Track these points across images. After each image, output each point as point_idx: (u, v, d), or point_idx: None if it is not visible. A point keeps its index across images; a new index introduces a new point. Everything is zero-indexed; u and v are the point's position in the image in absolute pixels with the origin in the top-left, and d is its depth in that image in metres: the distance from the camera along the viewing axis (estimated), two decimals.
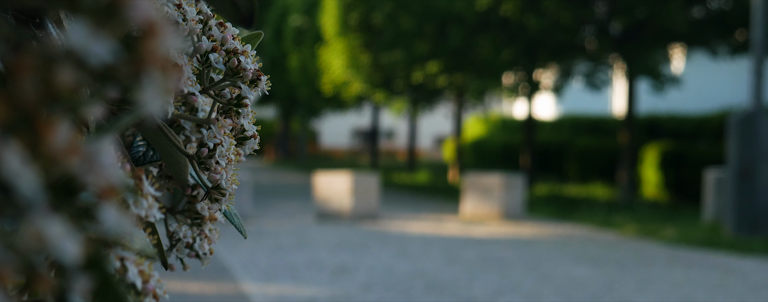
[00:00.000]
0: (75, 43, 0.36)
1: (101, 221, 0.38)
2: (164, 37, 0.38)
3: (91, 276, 0.39)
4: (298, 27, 23.62)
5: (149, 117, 0.49)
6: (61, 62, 0.36)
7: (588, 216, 11.64)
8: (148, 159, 0.65)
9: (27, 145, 0.35)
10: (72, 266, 0.37)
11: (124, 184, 0.43)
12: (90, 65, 0.36)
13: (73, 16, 0.37)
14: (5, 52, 0.39)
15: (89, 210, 0.38)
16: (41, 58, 0.35)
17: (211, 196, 0.66)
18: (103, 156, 0.37)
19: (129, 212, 0.46)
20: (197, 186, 0.66)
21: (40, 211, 0.35)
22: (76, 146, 0.35)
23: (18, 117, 0.35)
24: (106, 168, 0.37)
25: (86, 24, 0.36)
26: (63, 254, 0.35)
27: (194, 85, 0.65)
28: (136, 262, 0.47)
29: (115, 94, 0.38)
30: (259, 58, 0.67)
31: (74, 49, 0.36)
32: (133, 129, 0.65)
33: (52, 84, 0.35)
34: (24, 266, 0.35)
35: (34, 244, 0.34)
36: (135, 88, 0.38)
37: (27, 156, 0.34)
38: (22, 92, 0.35)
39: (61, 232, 0.35)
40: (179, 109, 0.65)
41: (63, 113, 0.36)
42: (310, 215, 11.63)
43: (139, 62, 0.37)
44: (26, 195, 0.34)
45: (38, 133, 0.35)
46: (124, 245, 0.46)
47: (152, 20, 0.37)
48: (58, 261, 0.36)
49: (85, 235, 0.38)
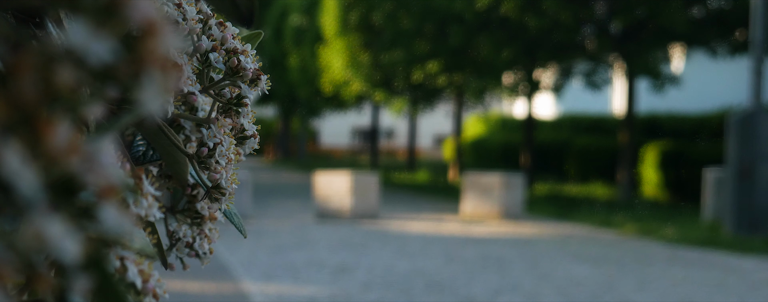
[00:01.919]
0: (75, 42, 0.36)
1: (101, 220, 0.38)
2: (164, 37, 0.38)
3: (91, 275, 0.39)
4: (298, 26, 23.62)
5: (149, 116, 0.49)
6: (61, 62, 0.36)
7: (588, 215, 11.64)
8: (148, 158, 0.65)
9: (27, 144, 0.35)
10: (72, 265, 0.37)
11: (124, 184, 0.43)
12: (90, 64, 0.36)
13: (72, 16, 0.37)
14: (5, 51, 0.39)
15: (89, 209, 0.38)
16: (41, 58, 0.35)
17: (211, 196, 0.66)
18: (103, 155, 0.37)
19: (129, 211, 0.46)
20: (197, 186, 0.66)
21: (40, 210, 0.35)
22: (76, 145, 0.35)
23: (18, 116, 0.35)
24: (106, 167, 0.37)
25: (86, 23, 0.36)
26: (63, 253, 0.35)
27: (194, 84, 0.65)
28: (136, 262, 0.47)
29: (115, 94, 0.38)
30: (259, 57, 0.67)
31: (74, 49, 0.36)
32: (133, 128, 0.65)
33: (52, 83, 0.35)
34: (24, 265, 0.35)
35: (34, 244, 0.35)
36: (135, 87, 0.38)
37: (27, 156, 0.34)
38: (22, 91, 0.35)
39: (61, 232, 0.35)
40: (179, 108, 0.65)
41: (63, 112, 0.36)
42: (310, 214, 11.63)
43: (139, 61, 0.37)
44: (26, 195, 0.34)
45: (38, 132, 0.35)
46: (124, 244, 0.46)
47: (152, 19, 0.37)
48: (58, 261, 0.36)
49: (84, 235, 0.38)
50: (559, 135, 20.06)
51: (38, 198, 0.35)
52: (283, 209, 12.53)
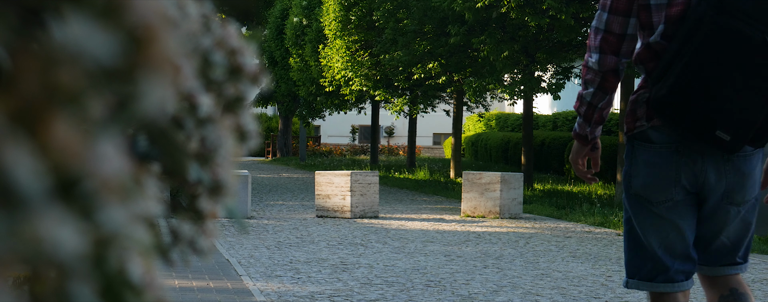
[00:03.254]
0: (77, 41, 0.36)
1: (102, 218, 0.38)
2: (165, 35, 0.38)
3: (92, 272, 0.39)
4: (299, 25, 23.62)
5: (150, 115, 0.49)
6: (62, 60, 0.36)
7: (587, 214, 11.65)
8: (149, 156, 0.65)
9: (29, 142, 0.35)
10: (73, 263, 0.37)
11: (125, 181, 0.44)
12: (91, 63, 0.36)
13: (75, 15, 0.37)
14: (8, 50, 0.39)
15: (90, 207, 0.38)
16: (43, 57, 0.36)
17: (212, 193, 0.66)
18: (105, 153, 0.37)
19: (130, 209, 0.46)
20: (198, 184, 0.67)
21: (42, 208, 0.35)
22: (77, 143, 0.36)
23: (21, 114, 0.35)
24: (107, 165, 0.37)
25: (88, 22, 0.36)
26: (64, 251, 0.35)
27: (195, 82, 0.65)
28: (136, 259, 0.48)
29: (117, 92, 0.38)
30: (260, 56, 0.67)
31: (76, 48, 0.36)
32: (134, 126, 0.65)
33: (54, 82, 0.36)
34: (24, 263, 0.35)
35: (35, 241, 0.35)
36: (136, 85, 0.38)
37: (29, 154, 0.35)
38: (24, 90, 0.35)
39: (62, 229, 0.35)
40: (180, 106, 0.65)
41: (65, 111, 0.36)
42: (310, 212, 11.63)
43: (140, 60, 0.38)
44: (28, 192, 0.35)
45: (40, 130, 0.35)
46: (124, 242, 0.46)
47: (153, 18, 0.38)
48: (59, 258, 0.36)
49: (85, 232, 0.38)
50: (558, 134, 20.04)
51: (40, 196, 0.35)
52: (283, 207, 12.53)
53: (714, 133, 2.31)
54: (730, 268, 2.58)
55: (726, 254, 2.56)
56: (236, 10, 0.67)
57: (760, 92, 2.28)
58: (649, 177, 2.46)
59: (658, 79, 2.34)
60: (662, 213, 2.47)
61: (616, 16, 2.44)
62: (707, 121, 2.30)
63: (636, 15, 2.44)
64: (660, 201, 2.46)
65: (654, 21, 2.40)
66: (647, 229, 2.49)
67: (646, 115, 2.44)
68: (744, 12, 2.25)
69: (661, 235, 2.49)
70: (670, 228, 2.48)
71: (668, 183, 2.44)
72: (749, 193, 2.46)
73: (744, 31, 2.24)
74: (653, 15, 2.39)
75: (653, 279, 2.51)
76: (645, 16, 2.41)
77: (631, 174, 2.51)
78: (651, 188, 2.46)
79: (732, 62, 2.26)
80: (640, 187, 2.48)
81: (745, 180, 2.44)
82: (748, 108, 2.28)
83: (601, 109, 2.53)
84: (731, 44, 2.26)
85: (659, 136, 2.43)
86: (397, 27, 15.71)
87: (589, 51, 2.51)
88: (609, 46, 2.46)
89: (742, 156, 2.43)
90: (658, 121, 2.41)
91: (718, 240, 2.53)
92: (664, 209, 2.47)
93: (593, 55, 2.49)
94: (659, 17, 2.38)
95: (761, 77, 2.27)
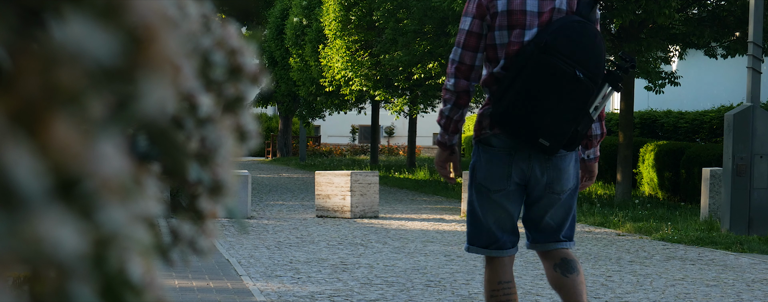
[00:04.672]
0: (77, 41, 0.36)
1: (102, 218, 0.38)
2: (165, 35, 0.38)
3: (92, 272, 0.39)
4: (299, 25, 23.61)
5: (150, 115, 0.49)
6: (62, 60, 0.36)
7: (586, 214, 11.65)
8: (149, 156, 0.65)
9: (29, 142, 0.35)
10: (73, 263, 0.37)
11: (125, 181, 0.44)
12: (91, 63, 0.36)
13: (75, 15, 0.37)
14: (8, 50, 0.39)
15: (90, 207, 0.38)
16: (43, 57, 0.36)
17: (212, 193, 0.66)
18: (105, 153, 0.37)
19: (130, 209, 0.46)
20: (198, 184, 0.67)
21: (42, 208, 0.35)
22: (77, 143, 0.36)
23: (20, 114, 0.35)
24: (107, 165, 0.37)
25: (88, 22, 0.36)
26: (64, 251, 0.35)
27: (195, 82, 0.65)
28: (136, 259, 0.48)
29: (117, 92, 0.38)
30: (260, 56, 0.67)
31: (76, 48, 0.36)
32: (134, 126, 0.65)
33: (54, 82, 0.36)
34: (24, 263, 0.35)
35: (35, 241, 0.35)
36: (136, 85, 0.38)
37: (29, 154, 0.35)
38: (24, 90, 0.35)
39: (62, 229, 0.35)
40: (180, 106, 0.66)
41: (65, 111, 0.36)
42: (310, 212, 11.63)
43: (140, 60, 0.38)
44: (28, 192, 0.35)
45: (40, 130, 0.35)
46: (124, 242, 0.46)
47: (153, 18, 0.38)
48: (59, 258, 0.36)
49: (85, 232, 0.38)
50: None
51: (40, 196, 0.35)
52: (283, 207, 12.53)
53: (538, 140, 3.05)
54: (557, 244, 3.33)
55: (551, 233, 3.32)
56: (236, 10, 0.67)
57: (570, 111, 3.04)
58: (489, 172, 3.19)
59: (499, 99, 3.06)
60: (497, 199, 3.21)
61: (468, 51, 3.16)
62: (533, 131, 3.04)
63: (483, 51, 3.16)
64: (496, 190, 3.19)
65: (498, 56, 3.14)
66: (485, 210, 3.24)
67: (489, 125, 3.16)
68: (561, 52, 3.00)
69: (495, 215, 3.24)
70: (501, 210, 3.23)
71: (503, 177, 3.17)
72: (565, 184, 3.21)
73: (560, 66, 2.99)
74: (498, 52, 3.14)
75: (488, 246, 3.30)
76: (491, 52, 3.16)
77: (476, 169, 3.24)
78: (490, 180, 3.19)
79: (551, 89, 3.01)
80: (482, 179, 3.21)
81: (562, 174, 3.19)
82: (562, 122, 3.04)
83: (457, 121, 3.23)
84: (550, 76, 3.00)
85: (498, 141, 3.16)
86: (397, 27, 15.71)
87: (447, 77, 3.19)
88: (462, 73, 3.16)
89: (559, 156, 3.17)
90: (498, 130, 3.13)
91: (544, 221, 3.28)
92: (498, 196, 3.20)
93: (450, 79, 3.18)
94: (501, 53, 3.13)
95: (572, 100, 3.03)
